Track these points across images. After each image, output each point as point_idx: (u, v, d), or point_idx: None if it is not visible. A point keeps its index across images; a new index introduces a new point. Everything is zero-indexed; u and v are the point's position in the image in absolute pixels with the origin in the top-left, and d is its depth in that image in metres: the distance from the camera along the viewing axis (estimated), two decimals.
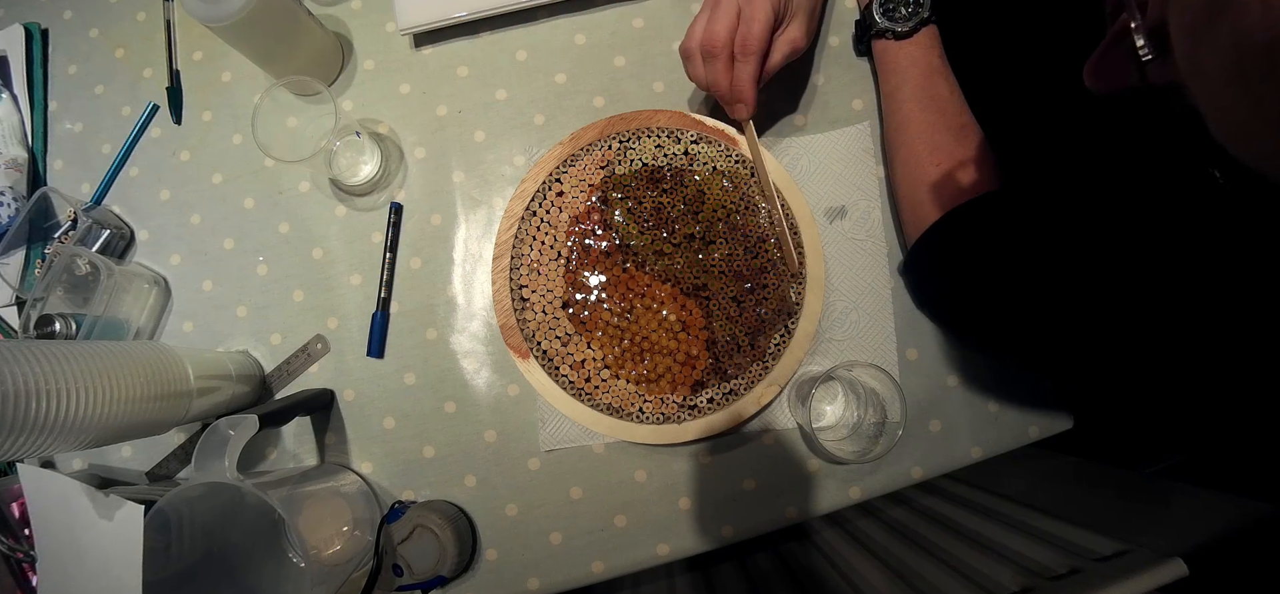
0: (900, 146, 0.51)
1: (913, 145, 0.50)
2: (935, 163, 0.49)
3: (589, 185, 0.55)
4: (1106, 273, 0.37)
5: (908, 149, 0.50)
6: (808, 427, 0.50)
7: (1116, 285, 0.36)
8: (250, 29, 0.50)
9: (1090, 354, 0.39)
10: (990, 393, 0.54)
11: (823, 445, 0.48)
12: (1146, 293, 0.35)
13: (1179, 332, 0.34)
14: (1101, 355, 0.39)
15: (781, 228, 0.53)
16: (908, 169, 0.50)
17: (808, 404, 0.49)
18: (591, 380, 0.53)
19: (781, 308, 0.53)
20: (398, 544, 0.49)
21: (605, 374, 0.53)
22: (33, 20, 0.63)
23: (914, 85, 0.50)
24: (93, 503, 0.42)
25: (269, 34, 0.52)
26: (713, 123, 0.55)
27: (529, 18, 0.59)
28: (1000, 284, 0.43)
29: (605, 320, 0.53)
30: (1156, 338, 0.35)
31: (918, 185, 0.49)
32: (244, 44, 0.53)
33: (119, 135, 0.61)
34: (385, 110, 0.60)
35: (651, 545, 0.54)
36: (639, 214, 0.54)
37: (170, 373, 0.47)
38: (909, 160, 0.50)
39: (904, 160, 0.51)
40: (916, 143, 0.49)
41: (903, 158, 0.51)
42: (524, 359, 0.53)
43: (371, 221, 0.58)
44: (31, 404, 0.37)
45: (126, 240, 0.60)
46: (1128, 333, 0.36)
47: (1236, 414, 0.38)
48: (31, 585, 0.51)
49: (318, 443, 0.56)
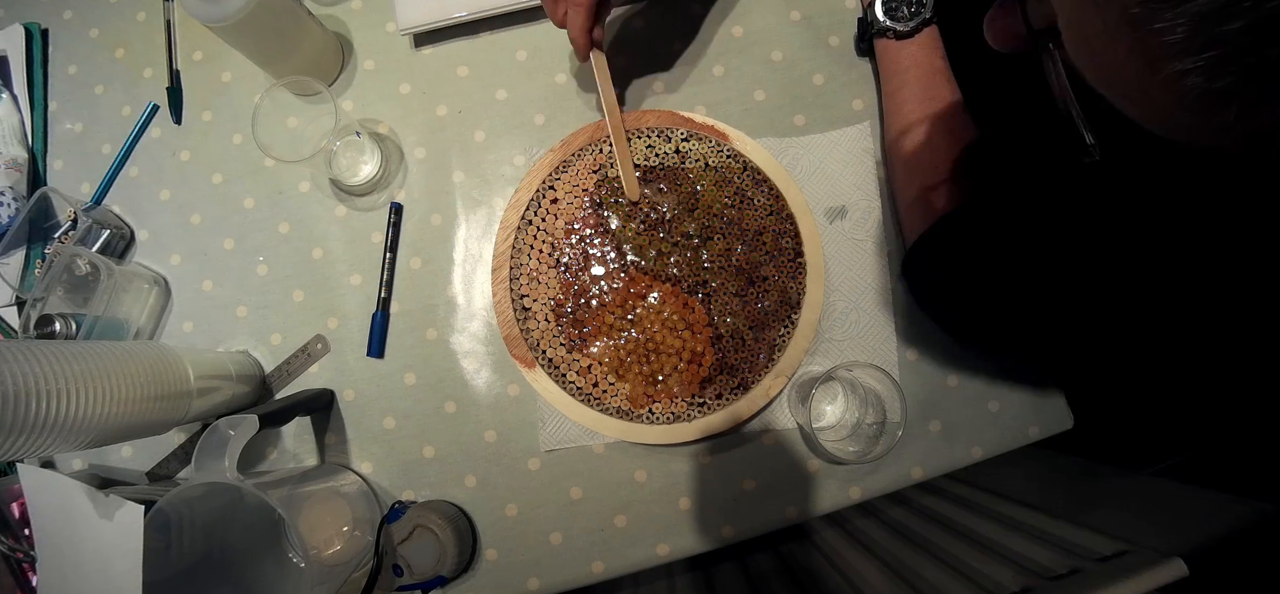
0: (901, 147, 0.51)
1: (913, 146, 0.50)
2: (934, 165, 0.48)
3: (583, 190, 0.55)
4: (1082, 268, 0.37)
5: (908, 150, 0.50)
6: (808, 427, 0.50)
7: (1093, 279, 0.36)
8: (250, 29, 0.50)
9: (1082, 351, 0.39)
10: (990, 393, 0.54)
11: (823, 446, 0.48)
12: (1116, 285, 0.35)
13: (1157, 323, 0.34)
14: (1093, 352, 0.39)
15: (624, 153, 0.52)
16: (908, 170, 0.50)
17: (808, 404, 0.49)
18: (599, 385, 0.53)
19: (783, 299, 0.53)
20: (398, 544, 0.49)
21: (612, 377, 0.53)
22: (33, 20, 0.63)
23: (915, 85, 0.50)
24: (93, 503, 0.42)
25: (269, 34, 0.52)
26: (702, 119, 0.55)
27: (529, 18, 0.59)
28: (991, 287, 0.43)
29: (609, 324, 0.53)
30: (1135, 329, 0.35)
31: (916, 187, 0.49)
32: (244, 44, 0.53)
33: (119, 135, 0.61)
34: (385, 110, 0.60)
35: (652, 545, 0.54)
36: (634, 216, 0.54)
37: (170, 373, 0.47)
38: (909, 162, 0.50)
39: (904, 162, 0.51)
40: (917, 144, 0.49)
41: (903, 159, 0.51)
42: (530, 368, 0.53)
43: (371, 221, 0.58)
44: (31, 404, 0.37)
45: (126, 240, 0.60)
46: (1110, 326, 0.36)
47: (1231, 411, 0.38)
48: (31, 585, 0.51)
49: (318, 443, 0.56)
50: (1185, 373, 0.41)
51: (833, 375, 0.48)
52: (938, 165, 0.48)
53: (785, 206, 0.53)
